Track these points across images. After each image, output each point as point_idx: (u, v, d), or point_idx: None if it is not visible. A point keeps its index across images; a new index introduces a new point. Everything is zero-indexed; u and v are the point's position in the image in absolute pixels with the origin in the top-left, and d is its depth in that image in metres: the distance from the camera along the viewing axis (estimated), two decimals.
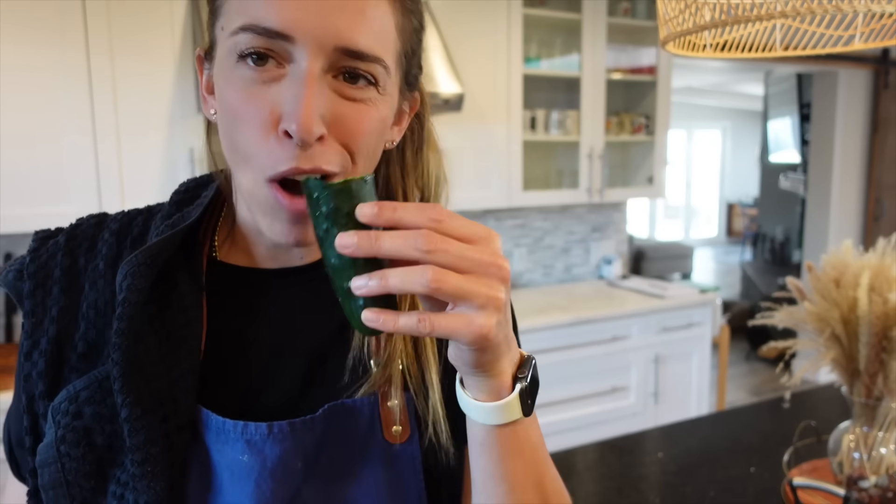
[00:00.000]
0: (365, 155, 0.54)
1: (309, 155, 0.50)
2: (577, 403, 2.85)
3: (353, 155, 0.53)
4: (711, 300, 3.15)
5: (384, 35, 0.52)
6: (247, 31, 0.50)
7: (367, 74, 0.52)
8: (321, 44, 0.49)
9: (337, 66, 0.51)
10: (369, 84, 0.52)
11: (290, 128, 0.49)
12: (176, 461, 0.55)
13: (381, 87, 0.53)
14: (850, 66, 4.20)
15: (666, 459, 1.44)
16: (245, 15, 0.50)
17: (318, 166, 0.51)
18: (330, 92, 0.51)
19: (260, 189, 0.53)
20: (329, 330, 0.62)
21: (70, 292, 0.60)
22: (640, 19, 3.22)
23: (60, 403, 0.56)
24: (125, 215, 0.65)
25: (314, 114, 0.49)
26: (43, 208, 2.12)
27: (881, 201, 4.42)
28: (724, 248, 10.22)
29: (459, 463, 0.63)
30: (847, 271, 1.17)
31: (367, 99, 0.53)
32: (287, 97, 0.50)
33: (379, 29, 0.52)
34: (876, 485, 1.11)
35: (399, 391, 0.60)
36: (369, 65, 0.51)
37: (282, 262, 0.64)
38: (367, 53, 0.51)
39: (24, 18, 2.04)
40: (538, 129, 3.02)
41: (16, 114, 2.06)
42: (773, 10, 0.79)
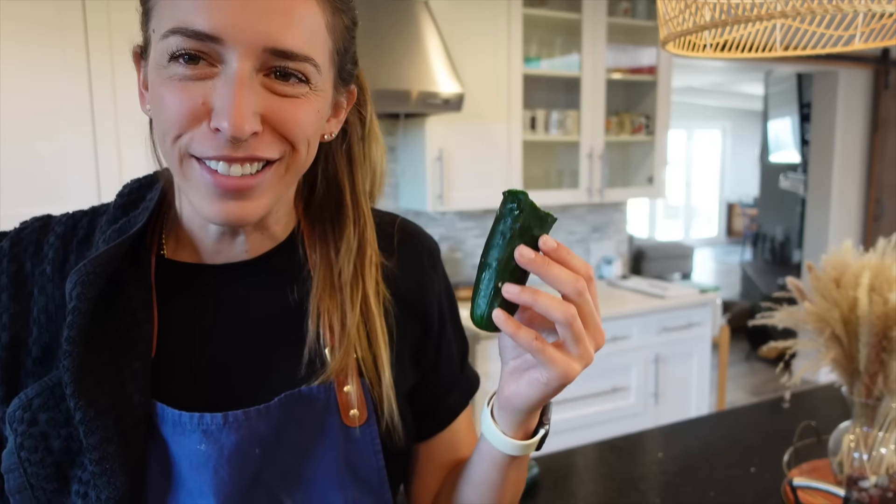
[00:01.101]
0: (304, 144, 0.56)
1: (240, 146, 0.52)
2: (577, 403, 2.85)
3: (292, 144, 0.55)
4: (711, 300, 3.15)
5: (314, 35, 0.54)
6: (177, 34, 0.51)
7: (298, 73, 0.53)
8: (250, 45, 0.50)
9: (268, 65, 0.52)
10: (300, 81, 0.54)
11: (222, 125, 0.50)
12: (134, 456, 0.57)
13: (313, 84, 0.55)
14: (850, 66, 4.20)
15: (666, 459, 1.44)
16: (175, 18, 0.51)
17: (254, 154, 0.53)
18: (262, 89, 0.52)
19: (189, 168, 0.54)
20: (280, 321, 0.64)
21: (19, 298, 0.60)
22: (640, 19, 3.22)
23: (15, 411, 0.56)
24: (70, 217, 0.65)
25: (246, 112, 0.50)
26: (43, 208, 2.11)
27: (881, 201, 4.42)
28: (724, 248, 10.22)
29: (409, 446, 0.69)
30: (847, 271, 1.17)
31: (300, 94, 0.54)
32: (219, 95, 0.51)
33: (308, 29, 0.53)
34: (876, 485, 1.11)
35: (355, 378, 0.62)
36: (299, 64, 0.53)
37: (227, 257, 0.64)
38: (296, 53, 0.52)
39: (25, 18, 2.04)
40: (538, 129, 3.02)
41: (16, 114, 2.06)
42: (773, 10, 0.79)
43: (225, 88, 0.51)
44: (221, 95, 0.51)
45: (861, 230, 4.47)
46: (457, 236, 3.18)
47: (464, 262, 3.20)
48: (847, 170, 4.36)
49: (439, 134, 2.71)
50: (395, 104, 2.41)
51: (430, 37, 2.52)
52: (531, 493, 1.30)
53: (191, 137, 0.53)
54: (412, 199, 2.90)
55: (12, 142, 2.06)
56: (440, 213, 3.10)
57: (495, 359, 2.86)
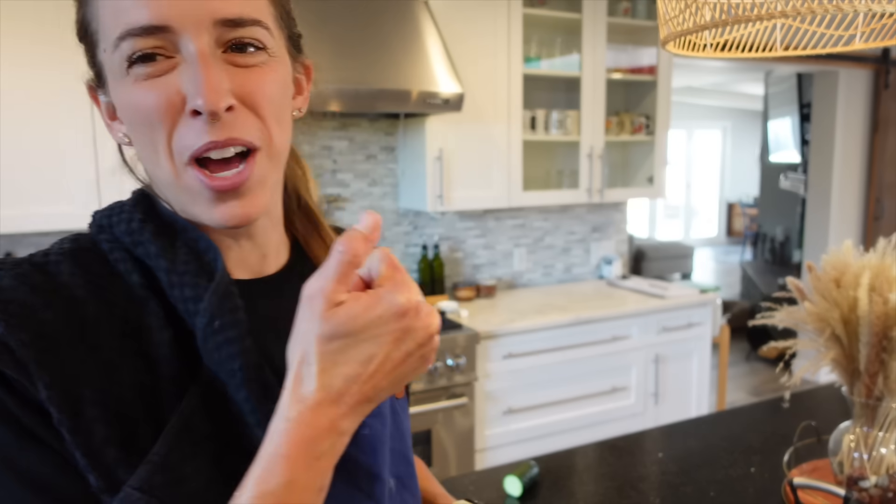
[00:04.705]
0: (277, 120, 0.56)
1: (220, 126, 0.52)
2: (577, 403, 2.85)
3: (264, 121, 0.55)
4: (711, 300, 3.15)
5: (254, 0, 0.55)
6: (125, 37, 0.51)
7: (253, 41, 0.54)
8: (199, 22, 0.51)
9: (222, 40, 0.53)
10: (258, 50, 0.54)
11: (197, 103, 0.50)
12: None
13: (270, 49, 0.55)
14: (850, 66, 4.20)
15: (666, 459, 1.44)
16: (119, 25, 0.51)
17: (233, 136, 0.53)
18: (225, 65, 0.53)
19: (182, 177, 0.54)
20: None
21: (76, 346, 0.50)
22: (640, 19, 3.22)
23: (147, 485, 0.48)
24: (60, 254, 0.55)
25: (217, 85, 0.50)
26: (43, 208, 2.12)
27: (881, 201, 4.41)
28: (724, 248, 10.21)
29: None
30: (847, 271, 1.17)
31: (261, 63, 0.55)
32: (186, 79, 0.51)
33: None
34: (876, 485, 1.11)
35: None
36: (250, 29, 0.53)
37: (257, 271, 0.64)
38: (244, 18, 0.53)
39: (24, 17, 2.04)
40: (538, 128, 3.02)
41: (16, 114, 2.06)
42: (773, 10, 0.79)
43: (190, 70, 0.51)
44: (188, 78, 0.51)
45: (861, 230, 4.47)
46: (457, 236, 3.18)
47: (464, 262, 3.20)
48: (847, 170, 4.36)
49: (439, 134, 2.71)
50: (395, 104, 2.41)
51: (430, 37, 2.52)
52: (531, 493, 1.30)
53: (177, 134, 0.52)
54: (412, 199, 2.90)
55: (12, 142, 2.06)
56: (440, 213, 3.10)
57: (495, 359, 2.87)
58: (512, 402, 2.69)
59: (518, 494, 1.28)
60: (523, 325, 2.68)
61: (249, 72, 0.54)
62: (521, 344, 2.69)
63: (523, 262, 3.39)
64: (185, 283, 0.55)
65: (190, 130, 0.52)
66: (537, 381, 2.74)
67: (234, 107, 0.52)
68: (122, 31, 0.51)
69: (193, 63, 0.51)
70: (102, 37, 0.54)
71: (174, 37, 0.51)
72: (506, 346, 2.64)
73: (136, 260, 0.56)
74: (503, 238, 3.32)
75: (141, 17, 0.50)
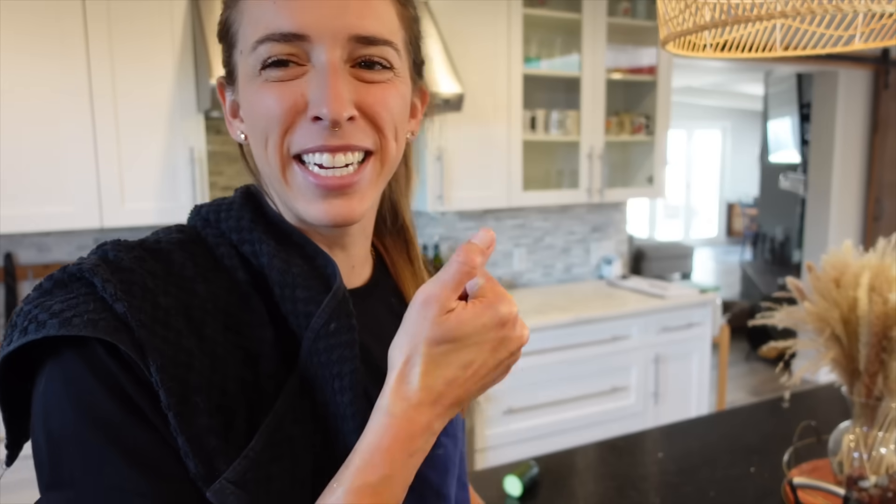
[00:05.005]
0: (393, 133, 0.58)
1: (339, 134, 0.54)
2: (577, 403, 2.85)
3: (381, 132, 0.57)
4: (711, 300, 3.15)
5: (389, 22, 0.57)
6: (265, 41, 0.53)
7: (382, 60, 0.56)
8: (335, 36, 0.53)
9: (353, 55, 0.54)
10: (385, 68, 0.56)
11: (321, 112, 0.52)
12: None
13: (396, 69, 0.57)
14: (850, 66, 4.20)
15: (666, 459, 1.44)
16: (260, 28, 0.54)
17: (350, 143, 0.55)
18: (351, 79, 0.54)
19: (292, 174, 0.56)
20: None
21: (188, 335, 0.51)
22: (640, 19, 3.22)
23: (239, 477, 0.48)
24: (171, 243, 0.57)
25: (343, 95, 0.52)
26: (43, 208, 2.12)
27: (881, 201, 4.41)
28: (724, 248, 10.21)
29: None
30: (847, 271, 1.17)
31: (386, 80, 0.56)
32: (313, 86, 0.53)
33: (384, 16, 0.56)
34: (876, 485, 1.11)
35: None
36: (381, 48, 0.55)
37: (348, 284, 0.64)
38: (378, 38, 0.55)
39: (24, 18, 2.04)
40: (538, 129, 3.02)
41: (16, 114, 2.06)
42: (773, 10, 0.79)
43: (318, 79, 0.53)
44: (316, 86, 0.53)
45: (861, 230, 4.47)
46: (457, 236, 3.18)
47: None
48: (847, 170, 4.36)
49: (439, 134, 2.71)
50: None
51: (430, 37, 2.52)
52: (531, 493, 1.30)
53: (293, 134, 0.55)
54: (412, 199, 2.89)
55: (13, 142, 2.06)
56: (440, 213, 3.10)
57: None
58: (512, 402, 2.69)
59: (518, 494, 1.29)
60: None
61: (373, 86, 0.56)
62: None
63: (523, 262, 3.39)
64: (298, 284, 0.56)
65: (307, 133, 0.54)
66: (537, 381, 2.74)
67: (355, 117, 0.54)
68: (263, 35, 0.53)
69: (323, 73, 0.53)
70: (241, 38, 0.56)
71: (309, 46, 0.53)
72: None
73: (241, 256, 0.58)
74: (503, 238, 3.32)
75: (283, 24, 0.53)
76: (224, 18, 0.58)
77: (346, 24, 0.53)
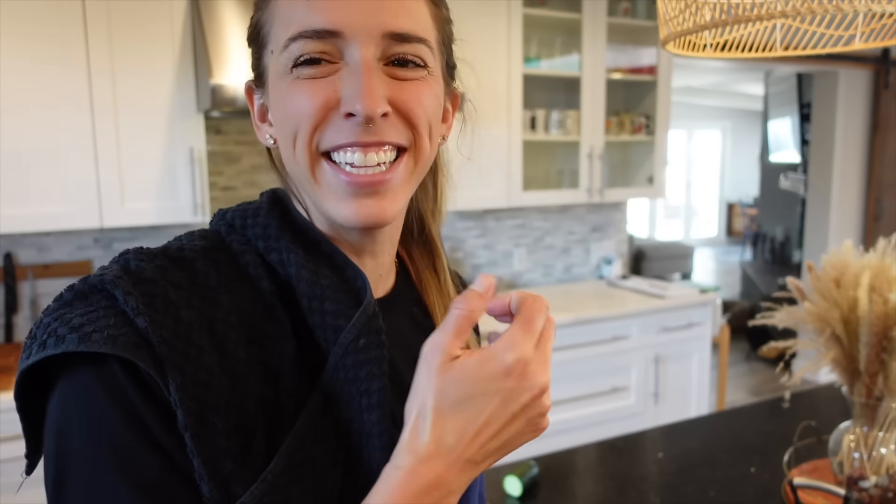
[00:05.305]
0: (427, 131, 0.56)
1: (372, 130, 0.53)
2: (577, 403, 2.85)
3: (415, 130, 0.56)
4: (711, 300, 3.15)
5: (423, 20, 0.56)
6: (297, 39, 0.53)
7: (416, 58, 0.55)
8: (369, 33, 0.52)
9: (387, 53, 0.54)
10: (418, 67, 0.55)
11: (355, 108, 0.51)
12: None
13: (430, 67, 0.56)
14: (850, 66, 4.20)
15: (666, 459, 1.44)
16: (293, 26, 0.53)
17: (383, 139, 0.54)
18: (385, 76, 0.54)
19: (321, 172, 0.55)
20: None
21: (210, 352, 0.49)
22: (640, 19, 3.22)
23: None
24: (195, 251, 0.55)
25: (377, 92, 0.52)
26: (43, 208, 2.12)
27: (881, 201, 4.41)
28: (724, 248, 10.21)
29: None
30: (847, 271, 1.17)
31: (420, 78, 0.55)
32: (346, 83, 0.52)
33: (417, 15, 0.55)
34: (876, 485, 1.11)
35: None
36: (415, 46, 0.54)
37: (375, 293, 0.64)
38: (412, 35, 0.54)
39: (24, 18, 2.04)
40: (538, 129, 3.02)
41: (16, 114, 2.06)
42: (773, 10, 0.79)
43: (352, 76, 0.52)
44: (349, 83, 0.52)
45: (861, 230, 4.47)
46: (457, 236, 3.18)
47: (464, 262, 3.20)
48: (847, 170, 4.36)
49: None
50: None
51: None
52: (531, 493, 1.30)
53: (324, 131, 0.54)
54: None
55: (13, 142, 2.06)
56: None
57: None
58: None
59: (518, 494, 1.28)
60: None
61: (407, 84, 0.55)
62: None
63: (523, 262, 3.39)
64: (328, 296, 0.54)
65: (339, 130, 0.53)
66: None
67: (388, 114, 0.53)
68: (296, 32, 0.52)
69: (357, 70, 0.52)
70: (273, 38, 0.55)
71: (343, 43, 0.52)
72: None
73: (267, 265, 0.56)
74: (503, 238, 3.32)
75: (317, 21, 0.52)
76: (255, 20, 0.58)
77: (380, 22, 0.53)
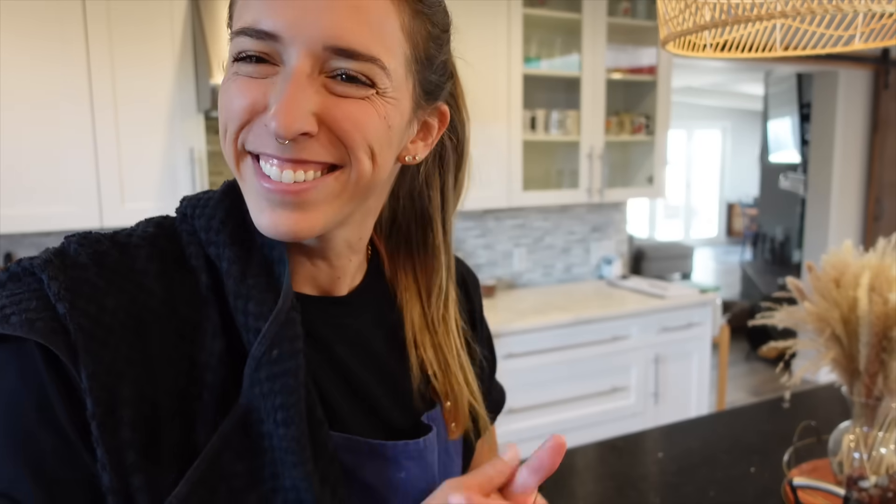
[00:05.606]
0: (365, 152, 0.52)
1: (291, 148, 0.50)
2: (577, 403, 2.85)
3: (351, 150, 0.51)
4: (711, 300, 3.15)
5: (384, 35, 0.50)
6: (241, 34, 0.50)
7: (362, 75, 0.50)
8: (309, 43, 0.48)
9: (330, 66, 0.49)
10: (363, 85, 0.50)
11: (270, 125, 0.48)
12: None
13: (381, 88, 0.51)
14: (850, 66, 4.20)
15: (666, 459, 1.44)
16: (242, 20, 0.51)
17: (301, 157, 0.50)
18: (321, 89, 0.50)
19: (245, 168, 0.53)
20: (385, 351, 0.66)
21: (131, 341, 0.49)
22: (640, 19, 3.22)
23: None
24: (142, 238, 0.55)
25: (295, 110, 0.48)
26: (43, 208, 2.12)
27: (881, 201, 4.42)
28: (724, 248, 10.21)
29: None
30: (847, 271, 1.17)
31: (365, 97, 0.51)
32: (274, 93, 0.49)
33: (377, 28, 0.50)
34: (876, 485, 1.11)
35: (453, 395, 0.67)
36: (363, 64, 0.49)
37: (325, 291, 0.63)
38: (359, 52, 0.49)
39: (24, 18, 2.04)
40: (538, 129, 3.02)
41: (16, 114, 2.06)
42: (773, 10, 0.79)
43: (280, 86, 0.49)
44: (276, 93, 0.49)
45: (861, 230, 4.47)
46: (456, 236, 3.18)
47: (464, 262, 3.20)
48: (847, 170, 4.36)
49: None
50: None
51: None
52: None
53: (249, 132, 0.51)
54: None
55: (13, 142, 2.06)
56: None
57: None
58: (512, 402, 2.69)
59: None
60: (523, 326, 2.68)
61: (345, 102, 0.50)
62: (522, 344, 2.69)
63: (523, 262, 3.39)
64: (252, 296, 0.53)
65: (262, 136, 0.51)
66: (537, 381, 2.74)
67: (314, 134, 0.50)
68: (241, 26, 0.50)
69: (286, 79, 0.49)
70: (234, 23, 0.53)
71: (282, 48, 0.49)
72: (506, 346, 2.64)
73: (207, 258, 0.55)
74: (503, 238, 3.32)
75: (260, 20, 0.49)
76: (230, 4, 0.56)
77: (324, 33, 0.48)
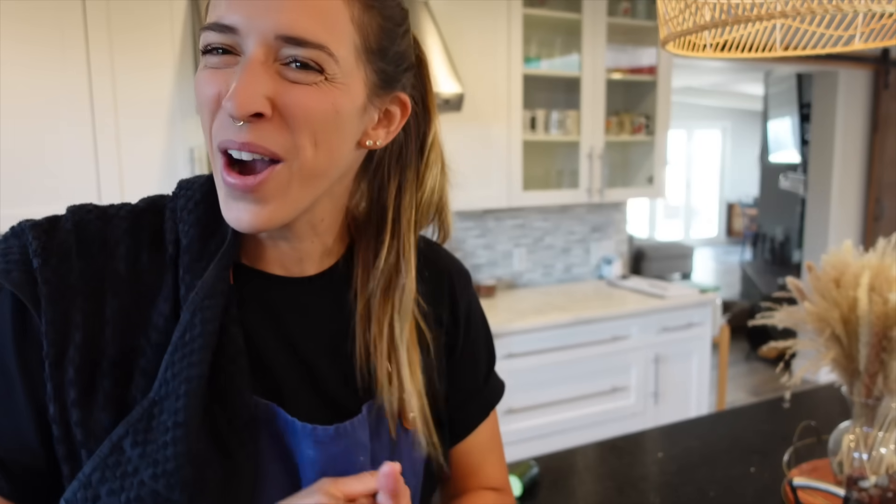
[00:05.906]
0: (313, 139, 0.55)
1: (245, 130, 0.54)
2: (577, 403, 2.85)
3: (296, 137, 0.55)
4: (711, 300, 3.15)
5: (332, 24, 0.54)
6: (207, 29, 0.55)
7: (311, 61, 0.54)
8: (262, 33, 0.53)
9: (281, 55, 0.54)
10: (313, 71, 0.54)
11: (226, 105, 0.53)
12: None
13: (329, 74, 0.55)
14: (850, 66, 4.20)
15: (666, 459, 1.44)
16: (210, 15, 0.55)
17: (252, 142, 0.54)
18: (275, 75, 0.54)
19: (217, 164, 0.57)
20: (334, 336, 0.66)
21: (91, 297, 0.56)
22: (640, 19, 3.22)
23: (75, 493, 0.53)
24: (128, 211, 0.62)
25: (249, 91, 0.52)
26: (42, 208, 2.11)
27: (881, 201, 4.42)
28: (724, 248, 10.21)
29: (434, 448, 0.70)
30: (847, 271, 1.17)
31: (314, 83, 0.54)
32: (232, 80, 0.53)
33: (325, 18, 0.54)
34: (876, 485, 1.11)
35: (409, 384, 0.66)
36: (311, 51, 0.53)
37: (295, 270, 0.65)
38: (307, 40, 0.53)
39: (24, 18, 2.04)
40: (538, 129, 3.02)
41: (16, 114, 2.06)
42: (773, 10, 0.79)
43: (238, 73, 0.53)
44: (233, 79, 0.53)
45: (861, 230, 4.47)
46: (457, 236, 3.18)
47: (464, 261, 3.19)
48: (847, 170, 4.36)
49: None
50: None
51: (430, 37, 2.52)
52: (531, 493, 1.30)
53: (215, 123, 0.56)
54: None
55: (12, 142, 2.06)
56: None
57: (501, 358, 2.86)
58: (512, 402, 2.69)
59: (518, 494, 1.28)
60: (523, 326, 2.68)
61: (294, 87, 0.54)
62: (522, 344, 2.69)
63: (523, 262, 3.39)
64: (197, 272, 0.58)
65: (222, 125, 0.55)
66: (537, 381, 2.74)
67: (267, 116, 0.53)
68: (209, 21, 0.55)
69: (242, 66, 0.53)
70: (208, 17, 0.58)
71: (240, 39, 0.54)
72: (506, 346, 2.64)
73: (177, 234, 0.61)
74: (503, 238, 3.32)
75: (222, 16, 0.54)
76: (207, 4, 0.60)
77: (274, 23, 0.52)
